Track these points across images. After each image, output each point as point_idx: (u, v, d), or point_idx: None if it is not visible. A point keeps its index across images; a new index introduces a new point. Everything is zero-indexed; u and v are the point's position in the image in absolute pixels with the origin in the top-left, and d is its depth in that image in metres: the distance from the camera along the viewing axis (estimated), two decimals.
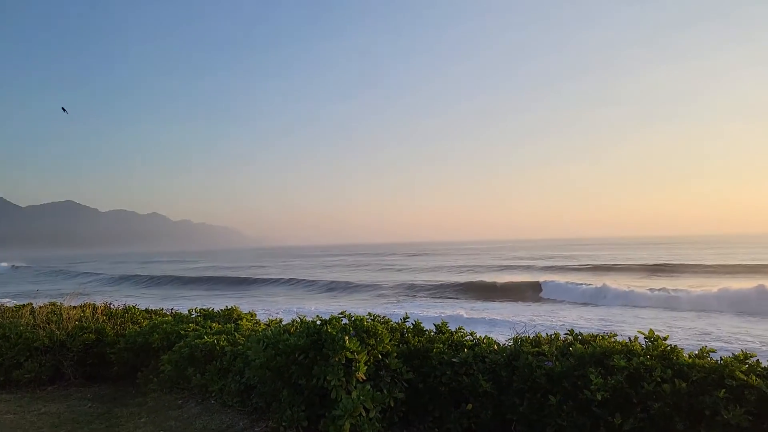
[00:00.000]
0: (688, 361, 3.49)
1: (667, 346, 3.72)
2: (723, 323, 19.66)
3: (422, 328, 4.80)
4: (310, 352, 3.99)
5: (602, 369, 3.62)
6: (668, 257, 59.28)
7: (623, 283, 33.11)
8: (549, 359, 3.94)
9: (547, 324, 19.46)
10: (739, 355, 3.42)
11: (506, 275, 40.49)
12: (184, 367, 5.40)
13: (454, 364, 4.19)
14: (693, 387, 3.29)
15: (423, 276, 46.12)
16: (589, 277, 40.19)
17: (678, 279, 36.76)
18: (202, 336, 5.50)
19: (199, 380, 5.20)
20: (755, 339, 16.76)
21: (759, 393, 3.14)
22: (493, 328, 18.03)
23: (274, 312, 21.92)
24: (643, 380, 3.43)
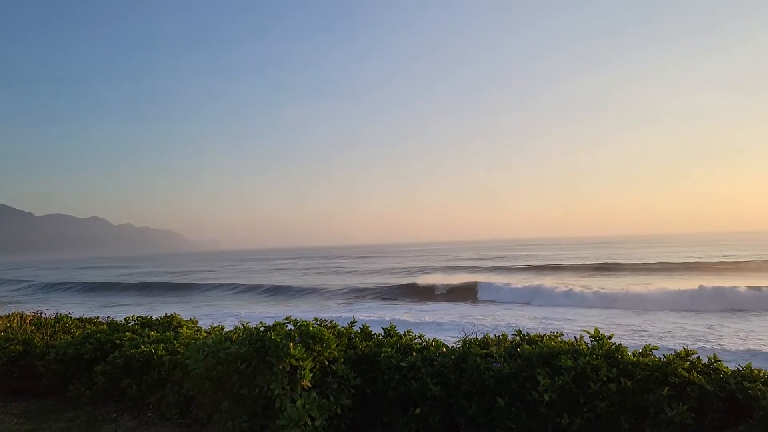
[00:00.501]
0: (632, 359, 3.52)
1: (612, 344, 3.74)
2: (659, 320, 20.43)
3: (370, 332, 4.70)
4: (252, 360, 3.82)
5: (550, 369, 3.61)
6: (610, 257, 61.31)
7: (567, 282, 34.02)
8: (497, 361, 3.91)
9: (495, 325, 19.72)
10: (681, 353, 3.48)
11: (453, 276, 40.90)
12: (118, 378, 5.11)
13: (402, 369, 4.10)
14: (638, 385, 3.32)
15: (372, 278, 46.07)
16: (534, 277, 41.13)
17: (618, 278, 38.06)
18: (138, 345, 5.22)
19: (135, 392, 4.93)
20: (687, 335, 17.47)
21: (700, 390, 3.19)
22: (441, 331, 18.14)
23: (217, 319, 21.34)
24: (590, 380, 3.43)
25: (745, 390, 3.12)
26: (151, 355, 5.02)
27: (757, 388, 3.08)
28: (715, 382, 3.21)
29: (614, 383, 3.35)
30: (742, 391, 3.12)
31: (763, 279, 31.36)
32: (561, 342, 3.93)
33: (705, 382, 3.20)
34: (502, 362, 3.86)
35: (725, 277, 33.47)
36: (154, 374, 4.92)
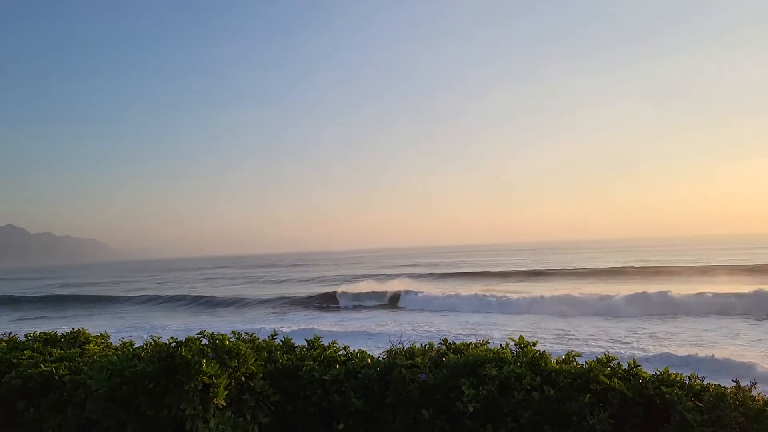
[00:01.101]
0: (555, 367, 3.50)
1: (536, 352, 3.72)
2: (584, 324, 21.15)
3: (292, 345, 4.50)
4: (161, 378, 3.54)
5: (475, 379, 3.53)
6: (538, 263, 63.26)
7: (497, 288, 34.74)
8: (422, 371, 3.80)
9: (423, 333, 19.78)
10: (602, 359, 3.48)
11: (385, 284, 40.94)
12: (14, 400, 4.65)
13: (325, 382, 3.93)
14: (560, 393, 3.29)
15: (301, 288, 45.49)
16: (465, 283, 41.79)
17: (546, 283, 39.26)
18: (38, 364, 4.78)
19: (33, 416, 4.49)
20: (609, 338, 18.17)
21: (621, 396, 3.19)
22: (369, 341, 17.99)
23: (128, 333, 20.30)
24: (514, 389, 3.38)
25: (663, 395, 3.14)
26: (51, 374, 4.59)
27: (674, 392, 3.11)
28: (634, 388, 3.23)
29: (538, 392, 3.31)
30: (660, 396, 3.15)
31: (682, 283, 33.22)
32: (486, 350, 3.87)
33: (625, 388, 3.21)
34: (427, 373, 3.75)
35: (647, 282, 35.19)
36: (54, 396, 4.50)
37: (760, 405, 2.85)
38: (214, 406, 3.46)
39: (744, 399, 2.91)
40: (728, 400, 2.91)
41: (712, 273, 39.78)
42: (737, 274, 38.66)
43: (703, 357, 13.81)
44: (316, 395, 3.88)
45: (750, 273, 39.01)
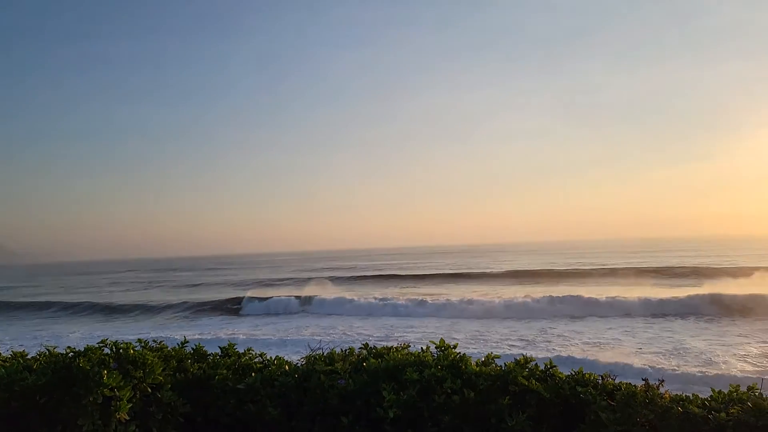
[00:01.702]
0: (475, 369, 3.49)
1: (456, 354, 3.70)
2: (495, 326, 21.75)
3: (205, 353, 4.26)
4: (55, 392, 3.23)
5: (396, 384, 3.47)
6: (460, 266, 64.65)
7: (419, 292, 35.17)
8: (342, 377, 3.70)
9: (344, 338, 19.66)
10: (520, 360, 3.51)
11: (306, 288, 40.45)
12: None
13: (240, 391, 3.74)
14: (481, 396, 3.28)
15: (217, 292, 44.12)
16: (387, 286, 42.06)
17: (466, 286, 40.17)
18: None
19: None
20: (519, 338, 18.78)
21: (538, 397, 3.22)
22: (287, 347, 17.66)
23: (20, 343, 18.87)
24: (435, 393, 3.34)
25: (578, 395, 3.20)
26: None
27: (588, 392, 3.18)
28: (551, 389, 3.27)
29: (458, 395, 3.29)
30: (575, 396, 3.20)
31: (591, 285, 34.96)
32: (407, 354, 3.82)
33: (542, 389, 3.25)
34: (347, 378, 3.65)
35: (558, 284, 36.79)
36: None
37: (668, 402, 2.96)
38: (116, 420, 3.19)
39: (653, 397, 3.01)
40: (639, 398, 3.00)
41: (620, 275, 42.11)
42: (644, 276, 41.13)
43: (592, 360, 14.52)
44: (229, 405, 3.68)
45: (655, 275, 41.62)
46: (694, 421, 2.78)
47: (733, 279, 35.49)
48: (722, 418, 2.74)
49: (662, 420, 2.87)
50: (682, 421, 2.81)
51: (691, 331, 18.84)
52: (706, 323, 20.04)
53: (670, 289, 31.27)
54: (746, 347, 15.76)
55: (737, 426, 2.68)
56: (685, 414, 2.83)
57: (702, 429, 2.75)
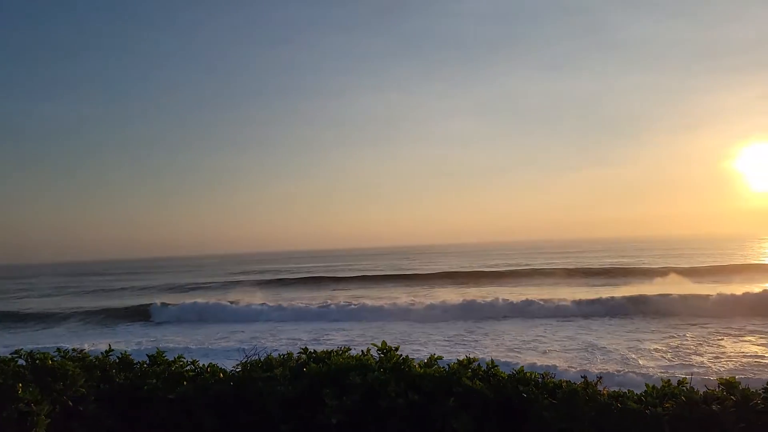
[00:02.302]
0: (420, 371, 3.45)
1: (399, 356, 3.65)
2: (394, 329, 21.73)
3: (131, 361, 4.00)
4: None
5: (338, 389, 3.37)
6: (379, 268, 64.94)
7: (347, 294, 34.99)
8: (281, 383, 3.56)
9: (281, 343, 19.25)
10: (463, 361, 3.50)
11: (234, 292, 39.39)
12: None
13: (171, 402, 3.52)
14: (425, 398, 3.24)
15: (140, 296, 42.20)
16: (317, 289, 41.68)
17: (387, 287, 40.39)
18: None
19: None
20: (415, 340, 18.90)
21: (482, 397, 3.22)
22: (220, 354, 17.08)
23: None
24: (379, 397, 3.27)
25: (521, 394, 3.22)
26: None
27: (530, 391, 3.20)
28: (494, 389, 3.28)
29: (403, 398, 3.24)
30: (518, 396, 3.22)
31: (516, 286, 36.00)
32: (349, 358, 3.73)
33: (486, 389, 3.25)
34: (286, 385, 3.52)
35: (480, 286, 37.67)
36: None
37: (606, 399, 3.03)
38: None
39: (593, 394, 3.07)
40: (580, 395, 3.05)
41: (542, 276, 43.63)
42: (562, 276, 42.79)
43: (514, 363, 14.95)
44: (159, 416, 3.46)
45: (573, 275, 43.42)
46: (633, 416, 2.86)
47: (645, 279, 37.75)
48: (658, 412, 2.83)
49: (602, 416, 2.93)
50: (621, 417, 2.88)
51: (608, 330, 19.72)
52: (622, 322, 21.04)
53: (589, 289, 32.79)
54: (656, 344, 16.70)
55: (673, 420, 2.77)
56: (624, 410, 2.90)
57: (640, 424, 2.82)
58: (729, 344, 16.09)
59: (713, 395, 2.90)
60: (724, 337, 17.08)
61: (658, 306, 22.43)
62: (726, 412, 2.70)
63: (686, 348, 15.80)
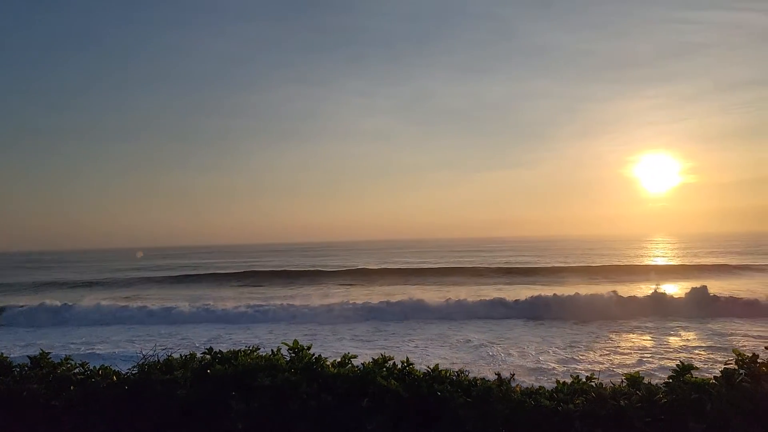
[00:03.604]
0: (333, 371, 3.31)
1: (311, 356, 3.49)
2: (303, 329, 21.12)
3: (10, 364, 3.58)
4: None
5: (245, 391, 3.17)
6: (297, 264, 63.85)
7: (249, 292, 34.00)
8: (183, 386, 3.30)
9: (183, 343, 18.35)
10: (378, 359, 3.40)
11: (132, 290, 37.28)
12: None
13: (55, 408, 3.17)
14: (339, 399, 3.11)
15: (26, 293, 39.02)
16: (228, 288, 40.32)
17: (307, 284, 39.80)
18: None
19: None
20: (323, 340, 18.65)
21: (397, 397, 3.13)
22: (114, 355, 16.01)
23: None
24: (289, 399, 3.10)
25: (436, 392, 3.16)
26: None
27: (445, 389, 3.15)
28: (410, 388, 3.20)
29: (315, 400, 3.08)
30: (433, 394, 3.16)
31: (425, 285, 36.46)
32: (258, 358, 3.53)
33: (401, 389, 3.16)
34: (188, 388, 3.27)
35: (398, 284, 37.87)
36: None
37: (520, 396, 3.03)
38: None
39: (506, 391, 3.06)
40: (494, 393, 3.03)
41: (453, 274, 44.51)
42: (457, 275, 43.71)
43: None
44: (43, 424, 3.11)
45: (485, 274, 44.62)
46: (545, 413, 2.87)
47: (542, 278, 39.61)
48: (570, 409, 2.85)
49: (516, 414, 2.92)
50: (534, 414, 2.89)
51: (511, 328, 20.37)
52: (527, 322, 21.77)
53: (491, 288, 33.93)
54: (559, 341, 17.51)
55: (584, 416, 2.81)
56: (537, 407, 2.91)
57: (552, 420, 2.84)
58: (624, 341, 17.12)
59: (621, 391, 2.97)
60: (619, 333, 18.17)
61: (557, 305, 23.33)
62: (633, 407, 2.77)
63: (586, 345, 16.64)
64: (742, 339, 17.09)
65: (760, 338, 17.16)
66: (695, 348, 15.98)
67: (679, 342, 16.88)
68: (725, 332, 18.04)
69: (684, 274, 39.93)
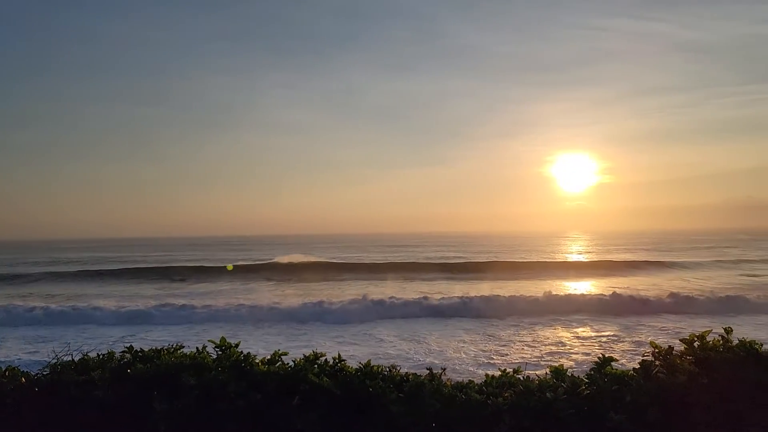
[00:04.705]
0: (263, 369, 3.22)
1: (239, 354, 3.38)
2: (226, 327, 20.48)
3: None
4: None
5: (169, 391, 3.02)
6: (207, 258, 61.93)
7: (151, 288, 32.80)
8: (100, 387, 3.11)
9: (104, 341, 17.38)
10: (310, 356, 3.34)
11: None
12: None
13: None
14: (269, 398, 3.02)
15: None
16: (121, 282, 38.70)
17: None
18: None
19: None
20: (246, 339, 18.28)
21: (329, 394, 3.08)
22: (25, 355, 14.93)
23: None
24: (216, 398, 2.99)
25: (368, 388, 3.15)
26: None
27: (377, 385, 3.14)
28: (342, 384, 3.16)
29: (243, 399, 2.99)
30: (365, 390, 3.14)
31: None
32: (182, 356, 3.37)
33: (333, 385, 3.12)
34: (106, 389, 3.08)
35: (302, 282, 37.44)
36: None
37: (451, 390, 3.06)
38: None
39: (438, 386, 3.09)
40: (426, 388, 3.05)
41: (380, 270, 44.53)
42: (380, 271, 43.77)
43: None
44: None
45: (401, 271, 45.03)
46: (476, 406, 2.92)
47: (453, 275, 40.56)
48: (499, 402, 2.91)
49: (447, 408, 2.95)
50: (465, 408, 2.93)
51: (425, 325, 20.55)
52: (444, 318, 22.04)
53: (408, 284, 34.43)
54: (478, 337, 18.00)
55: (512, 409, 2.87)
56: (468, 401, 2.95)
57: (483, 414, 2.89)
58: (542, 336, 17.82)
59: (547, 383, 3.07)
60: (536, 329, 18.88)
61: (474, 303, 23.70)
62: (558, 399, 2.86)
63: (507, 339, 17.19)
64: (650, 332, 18.21)
65: (665, 331, 18.36)
66: (606, 342, 16.89)
67: (591, 335, 17.80)
68: (632, 326, 19.19)
69: (595, 271, 42.26)
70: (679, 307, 22.49)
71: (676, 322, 20.04)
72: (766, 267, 43.64)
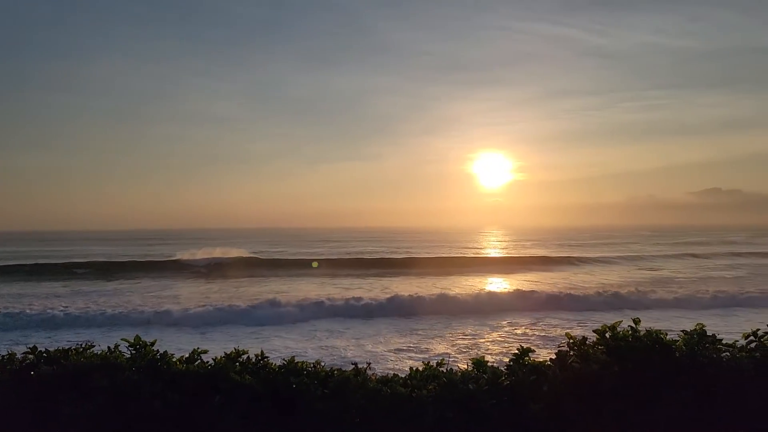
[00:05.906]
0: (181, 368, 3.09)
1: (155, 353, 3.23)
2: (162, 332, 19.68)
3: None
4: None
5: (78, 393, 2.84)
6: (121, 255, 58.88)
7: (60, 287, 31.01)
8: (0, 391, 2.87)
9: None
10: (231, 354, 3.24)
11: None
12: None
13: None
14: (188, 398, 2.91)
15: None
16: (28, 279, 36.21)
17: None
18: None
19: None
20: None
21: (252, 392, 3.01)
22: None
23: None
24: (131, 399, 2.84)
25: (291, 385, 3.09)
26: None
27: (302, 381, 3.09)
28: (264, 382, 3.09)
29: (160, 399, 2.85)
30: (289, 388, 3.08)
31: None
32: (92, 356, 3.18)
33: (255, 383, 3.04)
34: (7, 393, 2.85)
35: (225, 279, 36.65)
36: None
37: (376, 385, 3.07)
38: None
39: (363, 381, 3.08)
40: (351, 383, 3.03)
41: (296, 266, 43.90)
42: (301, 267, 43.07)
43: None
44: None
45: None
46: (401, 400, 2.94)
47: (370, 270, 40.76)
48: (423, 395, 2.95)
49: (373, 403, 2.95)
50: (390, 402, 2.94)
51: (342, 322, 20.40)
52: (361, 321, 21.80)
53: (325, 281, 34.32)
54: (398, 333, 18.20)
55: (436, 401, 2.91)
56: (393, 395, 2.97)
57: (407, 407, 2.91)
58: (461, 331, 18.23)
59: (469, 375, 3.13)
60: (455, 324, 19.29)
61: (395, 302, 23.62)
62: (480, 390, 2.93)
63: (427, 335, 17.46)
64: (565, 325, 19.07)
65: (580, 324, 19.28)
66: (523, 335, 17.54)
67: (508, 329, 18.43)
68: (546, 319, 20.07)
69: (508, 266, 43.72)
70: (580, 303, 23.57)
71: (586, 315, 21.11)
72: (664, 262, 47.02)
